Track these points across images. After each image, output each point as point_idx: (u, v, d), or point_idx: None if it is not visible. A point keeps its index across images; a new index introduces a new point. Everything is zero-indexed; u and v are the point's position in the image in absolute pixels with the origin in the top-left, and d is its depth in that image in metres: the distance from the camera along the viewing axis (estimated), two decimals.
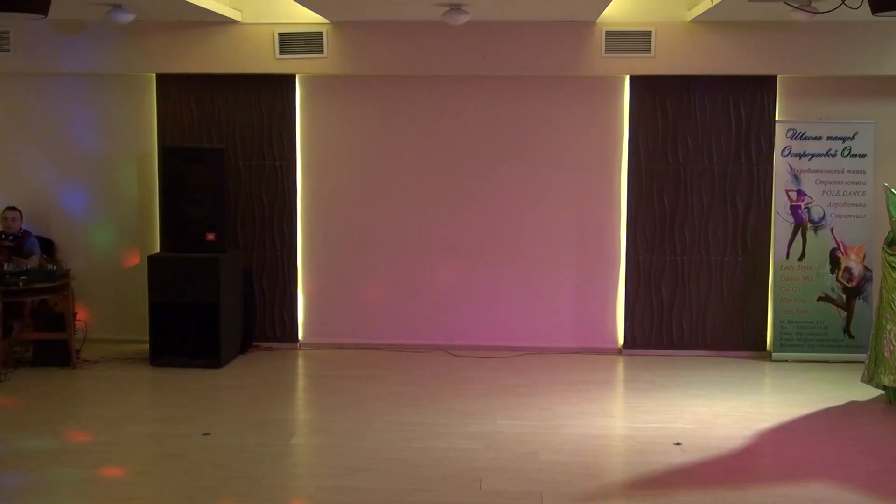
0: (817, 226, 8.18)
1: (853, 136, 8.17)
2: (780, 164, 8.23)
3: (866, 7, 5.78)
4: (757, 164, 8.25)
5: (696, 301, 8.35)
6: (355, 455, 5.73)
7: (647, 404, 6.88)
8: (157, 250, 8.39)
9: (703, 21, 7.90)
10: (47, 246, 8.41)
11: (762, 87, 8.21)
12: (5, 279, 7.41)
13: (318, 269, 8.64)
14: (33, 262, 7.84)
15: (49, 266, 7.82)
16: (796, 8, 6.79)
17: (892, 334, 6.69)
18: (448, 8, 7.34)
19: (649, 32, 8.01)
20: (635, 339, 8.43)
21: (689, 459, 5.69)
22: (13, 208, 8.10)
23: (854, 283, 8.17)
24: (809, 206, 8.18)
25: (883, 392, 6.89)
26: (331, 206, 8.58)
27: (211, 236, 7.89)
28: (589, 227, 8.45)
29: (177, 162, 7.94)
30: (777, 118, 8.23)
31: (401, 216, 8.53)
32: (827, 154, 8.18)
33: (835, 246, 8.15)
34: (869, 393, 7.17)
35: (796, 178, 8.20)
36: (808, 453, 5.84)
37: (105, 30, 8.11)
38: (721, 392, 7.15)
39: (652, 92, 8.26)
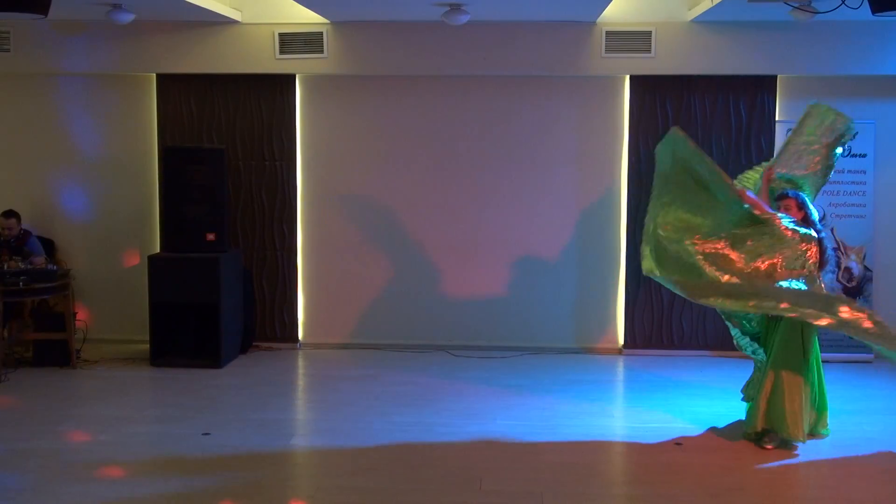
0: None
1: (853, 137, 8.15)
2: None
3: (866, 7, 5.79)
4: (757, 164, 8.22)
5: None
6: (355, 455, 5.73)
7: (647, 404, 6.88)
8: (157, 250, 8.39)
9: (703, 21, 7.90)
10: (47, 246, 8.40)
11: (762, 87, 8.21)
12: (5, 279, 7.41)
13: (318, 269, 8.64)
14: (38, 262, 7.83)
15: (49, 266, 7.82)
16: (796, 8, 6.80)
17: None
18: (448, 8, 7.35)
19: (649, 32, 8.01)
20: (635, 339, 8.43)
21: (689, 459, 5.69)
22: (10, 214, 8.06)
23: (854, 283, 8.16)
24: None
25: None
26: (331, 206, 8.58)
27: (211, 236, 7.89)
28: (589, 227, 8.45)
29: (177, 162, 7.93)
30: (777, 118, 8.23)
31: (401, 216, 8.53)
32: None
33: (835, 246, 8.14)
34: (870, 391, 7.19)
35: None
36: (808, 453, 5.83)
37: (105, 30, 8.11)
38: (721, 392, 7.14)
39: (652, 92, 8.26)
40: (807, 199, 6.08)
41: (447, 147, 8.47)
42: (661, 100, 8.26)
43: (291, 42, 8.21)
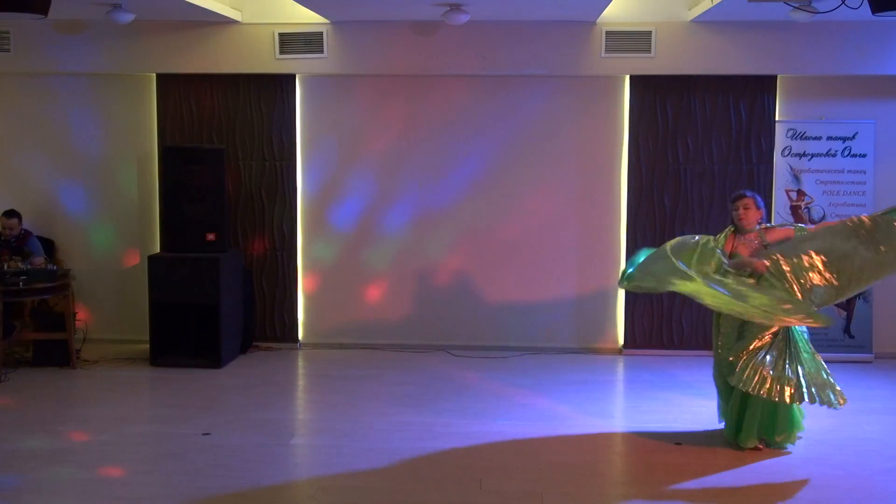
0: None
1: (853, 136, 8.17)
2: (780, 164, 8.23)
3: (866, 7, 5.79)
4: (757, 164, 8.25)
5: (696, 301, 8.32)
6: (355, 455, 5.73)
7: (647, 404, 6.88)
8: (157, 250, 8.39)
9: (703, 21, 7.90)
10: (47, 246, 8.40)
11: (762, 87, 8.21)
12: (5, 279, 7.40)
13: (318, 269, 8.64)
14: (38, 263, 7.82)
15: (49, 266, 7.82)
16: (796, 8, 6.80)
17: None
18: (448, 8, 7.35)
19: (649, 32, 8.02)
20: (635, 339, 8.43)
21: (689, 459, 5.68)
22: (11, 214, 8.07)
23: None
24: (809, 206, 8.18)
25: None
26: (331, 207, 8.58)
27: (211, 236, 7.89)
28: (589, 227, 8.45)
29: (177, 162, 7.93)
30: (777, 118, 8.23)
31: (401, 216, 8.53)
32: (827, 154, 8.18)
33: None
34: (870, 391, 7.19)
35: (796, 178, 8.21)
36: (807, 453, 5.83)
37: (105, 30, 8.11)
38: None
39: (652, 92, 8.26)
40: (762, 200, 6.04)
41: (447, 147, 8.47)
42: (661, 100, 8.26)
43: (291, 42, 8.21)
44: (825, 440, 6.06)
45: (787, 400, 5.59)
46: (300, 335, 8.66)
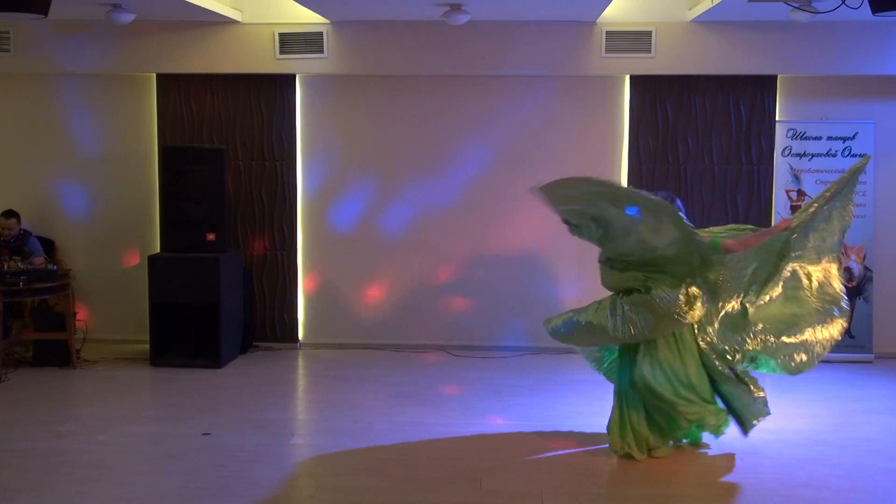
0: None
1: (853, 136, 8.17)
2: (780, 164, 8.23)
3: (866, 7, 5.79)
4: (757, 164, 8.25)
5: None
6: (355, 455, 5.73)
7: None
8: (157, 250, 8.39)
9: (703, 21, 7.90)
10: (47, 246, 8.40)
11: (762, 87, 8.21)
12: (5, 279, 7.41)
13: (318, 269, 8.64)
14: (38, 263, 7.82)
15: (49, 266, 7.81)
16: (796, 8, 6.80)
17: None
18: (448, 8, 7.35)
19: (649, 32, 8.01)
20: None
21: (689, 459, 5.69)
22: (10, 214, 8.06)
23: (854, 283, 8.16)
24: None
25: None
26: (331, 207, 8.58)
27: (211, 236, 7.89)
28: None
29: (177, 162, 7.93)
30: (777, 118, 8.23)
31: (401, 216, 8.53)
32: (827, 154, 8.18)
33: None
34: (870, 391, 7.19)
35: (796, 178, 8.21)
36: (807, 453, 5.84)
37: (105, 30, 8.11)
38: None
39: (652, 92, 8.26)
40: (681, 204, 5.94)
41: (447, 147, 8.47)
42: (661, 100, 8.27)
43: (291, 42, 8.21)
44: (825, 440, 6.06)
45: None
46: (300, 335, 8.66)
